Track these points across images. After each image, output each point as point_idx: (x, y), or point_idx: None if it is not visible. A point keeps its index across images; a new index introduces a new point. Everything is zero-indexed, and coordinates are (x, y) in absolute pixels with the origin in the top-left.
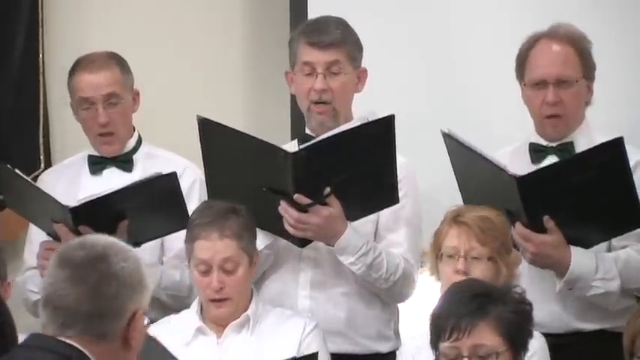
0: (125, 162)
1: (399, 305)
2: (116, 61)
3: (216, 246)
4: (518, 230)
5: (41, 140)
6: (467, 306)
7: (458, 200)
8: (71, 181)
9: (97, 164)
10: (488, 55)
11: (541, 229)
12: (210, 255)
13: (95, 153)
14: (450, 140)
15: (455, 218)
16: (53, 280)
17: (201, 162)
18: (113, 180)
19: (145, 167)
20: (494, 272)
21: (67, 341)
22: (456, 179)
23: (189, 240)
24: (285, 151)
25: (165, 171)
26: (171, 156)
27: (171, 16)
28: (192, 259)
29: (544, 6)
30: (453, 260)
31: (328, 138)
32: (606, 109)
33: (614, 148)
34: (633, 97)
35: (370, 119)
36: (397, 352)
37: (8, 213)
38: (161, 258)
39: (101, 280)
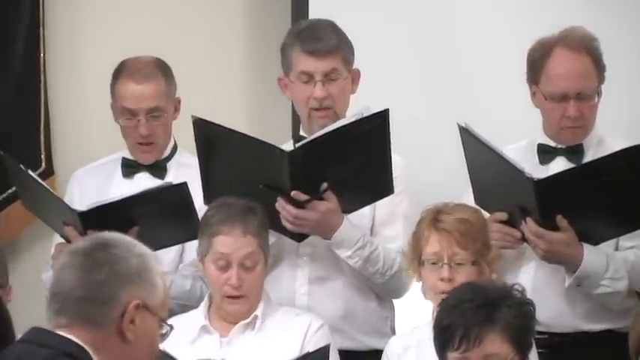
0: (159, 169)
1: (396, 304)
2: (162, 70)
3: (238, 242)
4: (531, 227)
5: (42, 140)
6: (474, 316)
7: (453, 200)
8: (103, 181)
9: (130, 167)
10: (486, 54)
11: (553, 226)
12: (232, 250)
13: (129, 156)
14: (466, 134)
15: (434, 223)
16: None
17: None
18: (144, 185)
19: (176, 176)
20: (478, 274)
21: (65, 335)
22: (469, 173)
23: (207, 236)
24: (281, 150)
25: (178, 181)
26: None
27: (171, 17)
28: (209, 254)
29: (545, 4)
30: (436, 267)
31: (324, 135)
32: (609, 109)
33: (634, 155)
34: (635, 97)
35: (365, 114)
36: (383, 351)
37: (8, 213)
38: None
39: (93, 266)
